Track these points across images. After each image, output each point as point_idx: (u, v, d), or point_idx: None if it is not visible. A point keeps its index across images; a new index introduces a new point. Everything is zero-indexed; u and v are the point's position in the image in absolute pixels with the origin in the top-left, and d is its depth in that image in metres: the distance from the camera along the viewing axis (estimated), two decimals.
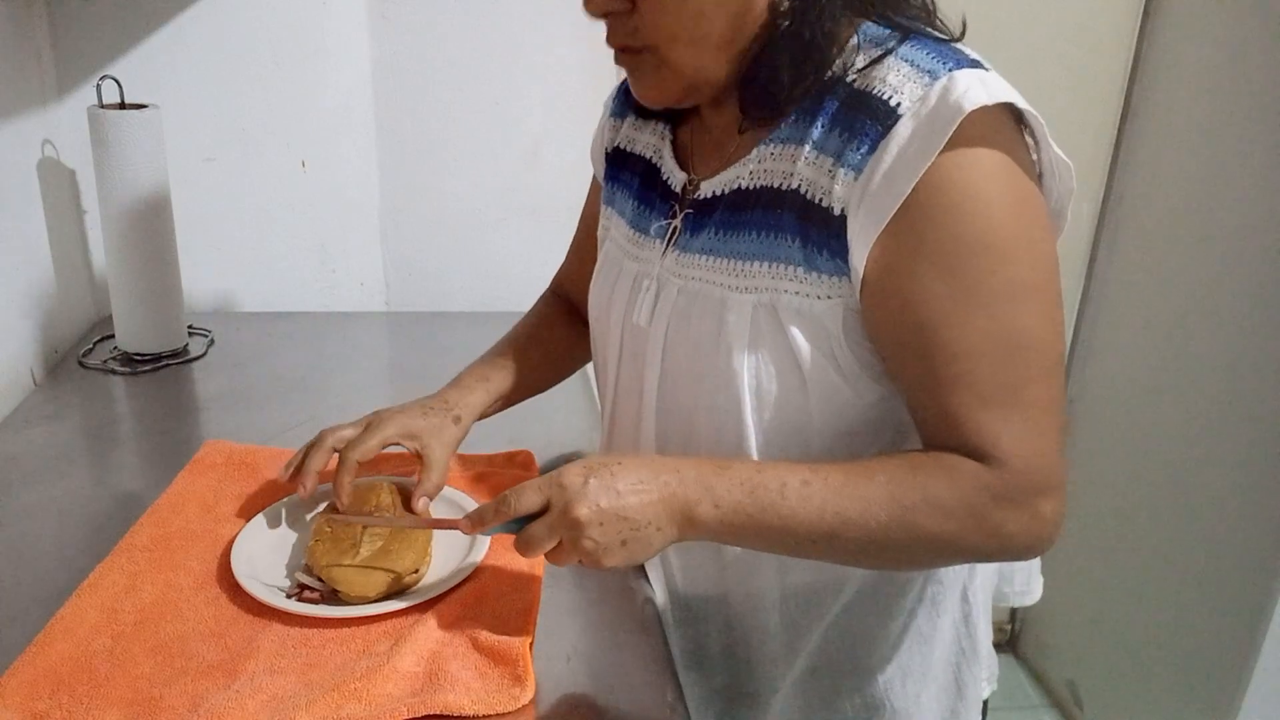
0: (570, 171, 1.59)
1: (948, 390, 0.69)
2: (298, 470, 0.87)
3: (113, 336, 1.34)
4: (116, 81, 1.25)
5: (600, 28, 0.76)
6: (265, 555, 0.85)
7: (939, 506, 0.68)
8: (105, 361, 1.31)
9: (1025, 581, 0.96)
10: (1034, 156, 0.71)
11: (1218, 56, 1.62)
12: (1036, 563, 0.97)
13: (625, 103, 0.94)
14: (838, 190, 0.69)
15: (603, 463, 0.69)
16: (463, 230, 1.60)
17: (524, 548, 0.69)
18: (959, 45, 0.72)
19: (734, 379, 0.75)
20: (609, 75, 1.56)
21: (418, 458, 0.88)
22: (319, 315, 1.55)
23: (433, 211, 1.59)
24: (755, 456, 0.76)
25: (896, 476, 0.68)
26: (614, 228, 0.91)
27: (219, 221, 1.50)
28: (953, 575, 0.87)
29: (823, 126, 0.71)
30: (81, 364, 1.30)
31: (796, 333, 0.73)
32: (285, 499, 0.92)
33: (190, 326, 1.38)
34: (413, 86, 1.51)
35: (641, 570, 0.91)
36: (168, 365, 1.31)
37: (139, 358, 1.31)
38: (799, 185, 0.71)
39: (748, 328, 0.74)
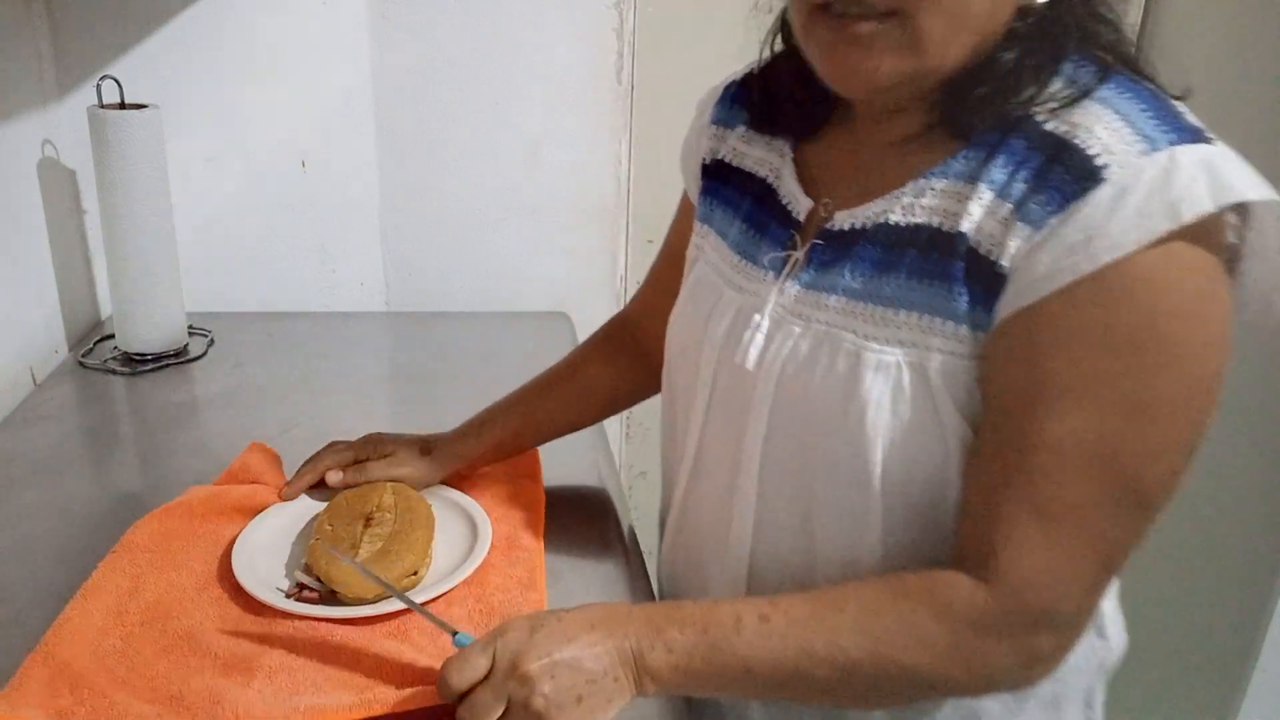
0: (570, 172, 1.59)
1: (1004, 474, 0.62)
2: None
3: (113, 336, 1.34)
4: (116, 81, 1.25)
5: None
6: (265, 555, 0.85)
7: (918, 637, 0.62)
8: (105, 361, 1.31)
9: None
10: (1236, 237, 0.62)
11: (1218, 56, 1.62)
12: (1118, 619, 0.83)
13: (734, 112, 0.83)
14: (1010, 246, 0.60)
15: (549, 613, 0.65)
16: (463, 230, 1.60)
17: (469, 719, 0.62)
18: (1174, 101, 0.63)
19: (866, 442, 0.65)
20: (609, 75, 1.57)
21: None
22: (319, 315, 1.55)
23: (433, 211, 1.58)
24: (880, 525, 0.67)
25: (871, 605, 0.63)
26: (709, 248, 0.81)
27: (219, 221, 1.50)
28: (1075, 674, 0.76)
29: (1005, 167, 0.62)
30: (81, 364, 1.30)
31: (946, 398, 0.64)
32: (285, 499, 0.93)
33: (190, 326, 1.38)
34: (413, 86, 1.51)
35: (644, 575, 0.91)
36: (168, 365, 1.31)
37: (139, 358, 1.31)
38: (969, 231, 0.62)
39: (889, 388, 0.64)
